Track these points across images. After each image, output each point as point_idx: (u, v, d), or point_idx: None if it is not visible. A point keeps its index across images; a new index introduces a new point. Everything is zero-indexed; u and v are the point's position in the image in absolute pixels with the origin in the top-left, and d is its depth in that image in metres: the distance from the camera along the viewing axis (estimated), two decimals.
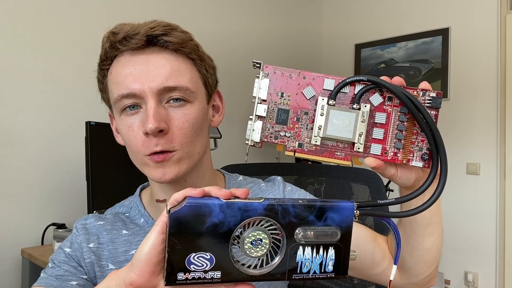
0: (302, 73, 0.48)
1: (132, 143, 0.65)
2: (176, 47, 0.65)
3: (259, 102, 0.47)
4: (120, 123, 0.66)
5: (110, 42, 0.64)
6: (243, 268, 0.41)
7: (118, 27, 0.65)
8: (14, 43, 1.72)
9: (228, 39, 2.60)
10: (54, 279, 0.66)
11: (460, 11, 2.75)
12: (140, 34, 0.63)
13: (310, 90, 0.48)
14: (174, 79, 0.63)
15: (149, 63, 0.63)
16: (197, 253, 0.40)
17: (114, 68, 0.66)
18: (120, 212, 0.77)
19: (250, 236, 0.41)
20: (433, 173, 0.47)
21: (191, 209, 0.39)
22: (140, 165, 0.67)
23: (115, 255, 0.70)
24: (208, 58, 0.71)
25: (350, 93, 0.48)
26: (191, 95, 0.65)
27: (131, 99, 0.63)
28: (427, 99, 0.48)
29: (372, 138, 0.48)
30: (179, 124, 0.63)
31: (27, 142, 1.75)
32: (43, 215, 1.78)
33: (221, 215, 0.40)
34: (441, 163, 0.46)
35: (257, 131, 0.47)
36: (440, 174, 0.47)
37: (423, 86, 0.48)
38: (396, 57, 2.99)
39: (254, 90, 0.47)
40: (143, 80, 0.62)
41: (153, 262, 0.42)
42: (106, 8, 2.02)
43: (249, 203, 0.40)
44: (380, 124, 0.48)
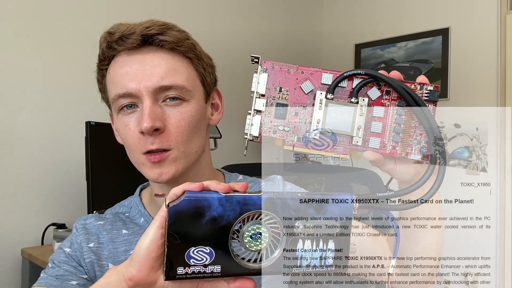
0: (300, 68, 0.48)
1: (129, 142, 0.65)
2: (172, 46, 0.65)
3: (257, 97, 0.48)
4: (118, 122, 0.67)
5: (107, 42, 0.65)
6: (243, 262, 0.41)
7: (115, 27, 0.65)
8: (14, 43, 1.72)
9: (227, 39, 2.60)
10: (54, 279, 0.66)
11: (460, 11, 2.75)
12: (135, 34, 0.63)
13: (308, 84, 0.48)
14: (169, 78, 0.63)
15: (145, 63, 0.63)
16: (197, 247, 0.40)
17: (111, 68, 0.66)
18: (120, 212, 0.77)
19: (249, 230, 0.41)
20: (431, 165, 0.47)
21: (190, 203, 0.39)
22: (137, 165, 0.67)
23: (115, 254, 0.70)
24: (206, 57, 0.71)
25: (348, 87, 0.48)
26: (188, 94, 0.65)
27: (128, 98, 0.64)
28: (425, 92, 0.48)
29: (371, 132, 0.48)
30: (175, 122, 0.64)
31: (27, 142, 1.75)
32: (43, 215, 1.78)
33: (220, 208, 0.40)
34: (440, 155, 0.46)
35: (255, 125, 0.47)
36: (439, 166, 0.47)
37: (421, 80, 0.49)
38: (396, 57, 2.99)
39: (252, 85, 0.48)
40: (139, 80, 0.62)
41: (152, 257, 0.42)
42: (106, 8, 2.02)
43: (248, 196, 0.40)
44: (378, 118, 0.48)
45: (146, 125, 0.60)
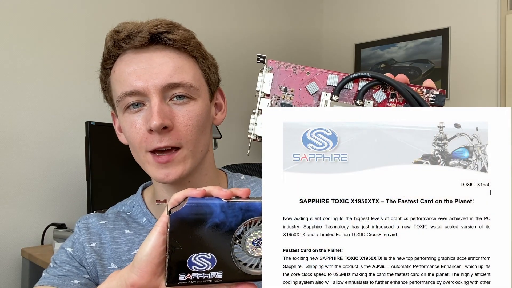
0: (306, 69, 0.48)
1: (135, 140, 0.64)
2: (179, 45, 0.65)
3: (262, 97, 0.47)
4: (123, 121, 0.66)
5: (114, 40, 0.65)
6: (245, 268, 0.41)
7: (121, 25, 0.65)
8: (14, 43, 1.72)
9: (227, 39, 2.60)
10: (56, 278, 0.66)
11: (460, 11, 2.75)
12: (143, 32, 0.63)
13: (313, 85, 0.47)
14: (177, 76, 0.63)
15: (153, 61, 0.63)
16: (198, 254, 0.40)
17: (117, 67, 0.66)
18: (122, 211, 0.77)
19: (251, 236, 0.40)
20: None
21: (192, 210, 0.39)
22: (142, 163, 0.66)
23: (117, 254, 0.70)
24: (210, 57, 0.71)
25: (354, 89, 0.47)
26: (195, 93, 0.65)
27: (135, 96, 0.63)
28: (431, 97, 0.47)
29: None
30: (183, 121, 0.63)
31: (27, 142, 1.74)
32: (43, 215, 1.77)
33: (222, 215, 0.40)
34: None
35: (260, 125, 0.47)
36: None
37: (427, 84, 0.48)
38: (396, 57, 2.99)
39: (257, 84, 0.47)
40: (146, 78, 0.62)
41: (154, 263, 0.42)
42: (106, 8, 2.02)
43: (250, 203, 0.40)
44: None
45: (155, 123, 0.60)
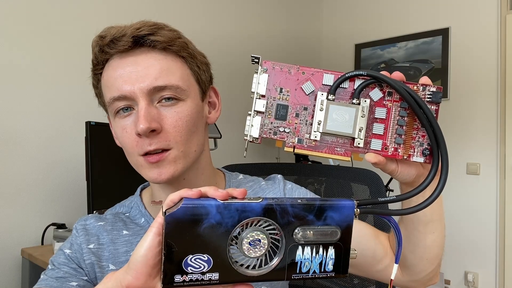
0: (301, 69, 0.48)
1: (127, 145, 0.65)
2: (164, 46, 0.64)
3: (257, 98, 0.47)
4: (115, 126, 0.67)
5: (99, 46, 0.65)
6: (242, 269, 0.41)
7: (106, 30, 0.65)
8: (14, 43, 1.72)
9: (227, 39, 2.59)
10: (54, 280, 0.66)
11: (460, 11, 2.75)
12: (126, 36, 0.63)
13: (309, 85, 0.47)
14: (163, 78, 0.63)
15: (138, 64, 0.63)
16: (194, 255, 0.39)
17: (105, 72, 0.66)
18: (120, 212, 0.76)
19: (248, 237, 0.40)
20: (434, 169, 0.47)
21: (187, 211, 0.39)
22: (136, 167, 0.66)
23: (116, 255, 0.70)
24: (200, 55, 0.70)
25: (350, 88, 0.47)
26: (183, 93, 0.65)
27: (123, 101, 0.63)
28: (427, 94, 0.47)
29: (372, 134, 0.47)
30: (172, 122, 0.63)
31: (27, 142, 1.74)
32: (43, 215, 1.77)
33: (218, 216, 0.39)
34: (442, 159, 0.46)
35: (256, 126, 0.46)
36: (441, 170, 0.46)
37: (424, 81, 0.48)
38: (396, 57, 2.99)
39: (252, 86, 0.47)
40: (133, 82, 0.62)
41: (149, 265, 0.42)
42: (105, 8, 2.02)
43: (246, 203, 0.39)
44: (380, 119, 0.47)
45: (142, 127, 0.60)
